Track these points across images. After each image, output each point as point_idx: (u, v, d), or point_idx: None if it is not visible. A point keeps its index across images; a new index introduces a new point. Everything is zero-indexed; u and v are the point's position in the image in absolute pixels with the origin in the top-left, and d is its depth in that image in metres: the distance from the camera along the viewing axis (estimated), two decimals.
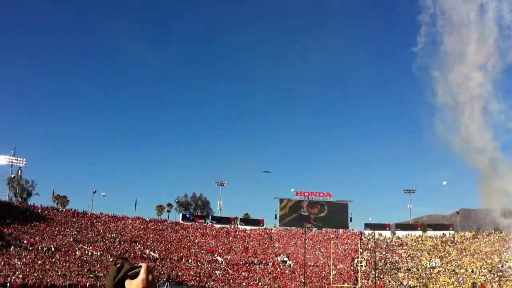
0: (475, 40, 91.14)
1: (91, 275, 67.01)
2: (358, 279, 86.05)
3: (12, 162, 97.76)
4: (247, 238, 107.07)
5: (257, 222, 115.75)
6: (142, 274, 2.72)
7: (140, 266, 2.77)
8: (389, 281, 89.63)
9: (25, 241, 72.49)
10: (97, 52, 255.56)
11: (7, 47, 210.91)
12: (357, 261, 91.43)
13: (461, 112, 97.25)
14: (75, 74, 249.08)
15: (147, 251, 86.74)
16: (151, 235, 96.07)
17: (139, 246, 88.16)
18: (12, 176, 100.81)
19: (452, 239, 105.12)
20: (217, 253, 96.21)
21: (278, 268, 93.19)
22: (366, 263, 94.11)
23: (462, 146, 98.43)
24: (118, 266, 2.79)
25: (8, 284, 55.72)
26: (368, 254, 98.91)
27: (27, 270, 62.27)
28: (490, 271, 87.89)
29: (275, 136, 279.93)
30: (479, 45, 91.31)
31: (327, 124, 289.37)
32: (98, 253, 78.13)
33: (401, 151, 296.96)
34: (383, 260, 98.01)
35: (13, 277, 58.50)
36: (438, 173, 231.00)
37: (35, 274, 61.72)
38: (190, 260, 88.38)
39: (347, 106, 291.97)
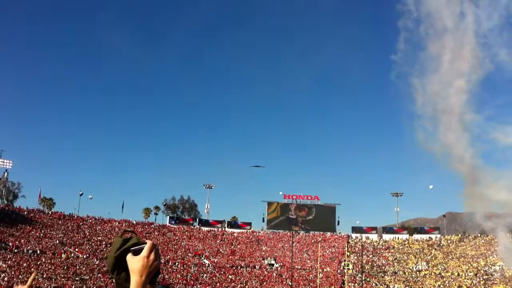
0: (454, 48, 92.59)
1: (76, 278, 66.61)
2: (345, 282, 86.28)
3: None
4: (234, 241, 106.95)
5: (244, 225, 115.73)
6: (144, 251, 2.58)
7: (146, 243, 2.63)
8: (376, 284, 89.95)
9: (10, 244, 71.92)
10: (87, 53, 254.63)
11: None
12: (344, 264, 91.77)
13: (440, 120, 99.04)
14: (63, 76, 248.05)
15: None
16: None
17: None
18: None
19: (439, 243, 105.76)
20: (204, 256, 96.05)
21: (265, 271, 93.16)
22: (353, 266, 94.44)
23: (443, 153, 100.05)
24: (123, 238, 2.66)
25: None
26: (355, 258, 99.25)
27: (12, 273, 61.78)
28: (476, 275, 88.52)
29: (264, 139, 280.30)
30: (458, 53, 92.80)
31: (315, 127, 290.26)
32: (84, 256, 77.68)
33: (389, 155, 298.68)
34: (370, 263, 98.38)
35: None
36: (425, 177, 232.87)
37: (20, 276, 61.21)
38: (177, 263, 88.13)
39: (336, 110, 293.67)
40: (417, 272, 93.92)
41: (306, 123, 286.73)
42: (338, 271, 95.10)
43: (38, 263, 68.60)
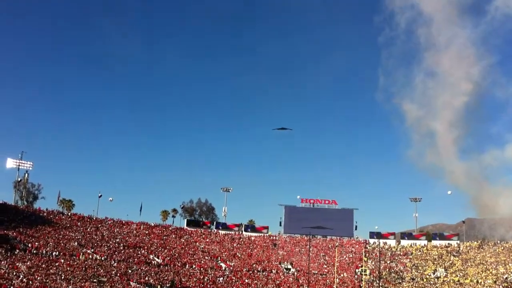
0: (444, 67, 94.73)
1: (94, 280, 67.10)
2: (362, 287, 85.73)
3: (19, 165, 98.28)
4: (251, 244, 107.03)
5: (261, 229, 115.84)
6: None
7: None
8: None
9: (29, 245, 72.76)
10: (103, 57, 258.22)
11: (10, 49, 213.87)
12: (361, 269, 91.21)
13: (429, 140, 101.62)
14: (83, 80, 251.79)
15: (151, 257, 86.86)
16: (156, 241, 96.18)
17: (143, 251, 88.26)
18: (19, 179, 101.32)
19: (458, 249, 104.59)
20: (220, 259, 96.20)
21: (281, 276, 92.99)
22: (370, 272, 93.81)
23: (433, 169, 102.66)
24: None
25: None
26: (373, 263, 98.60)
27: (31, 274, 62.45)
28: (495, 282, 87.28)
29: (281, 142, 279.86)
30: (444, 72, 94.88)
31: (333, 131, 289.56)
32: (102, 258, 78.30)
33: (407, 159, 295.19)
34: (387, 269, 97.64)
35: (17, 281, 58.71)
36: (443, 182, 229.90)
37: (38, 278, 61.89)
38: (194, 266, 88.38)
39: (353, 113, 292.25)
40: (436, 279, 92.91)
41: (324, 126, 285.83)
42: (355, 276, 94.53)
43: (57, 264, 69.27)
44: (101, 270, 72.36)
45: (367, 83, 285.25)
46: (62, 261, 71.31)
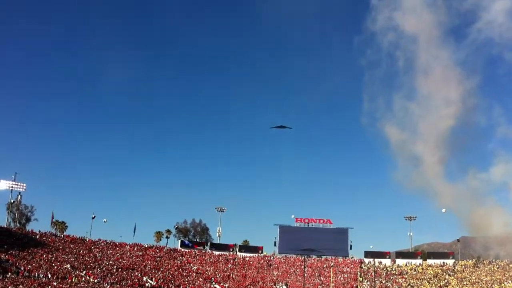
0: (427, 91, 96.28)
1: None
2: None
3: (12, 187, 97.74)
4: (246, 265, 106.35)
5: (256, 249, 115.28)
6: None
7: None
8: None
9: (22, 268, 71.99)
10: (94, 77, 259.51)
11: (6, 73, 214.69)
12: None
13: (416, 161, 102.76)
14: (75, 102, 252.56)
15: (144, 279, 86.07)
16: (149, 262, 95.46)
17: (136, 273, 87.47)
18: (12, 201, 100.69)
19: (453, 268, 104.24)
20: (214, 280, 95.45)
21: None
22: None
23: (422, 190, 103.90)
24: None
25: None
26: (368, 283, 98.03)
27: None
28: None
29: (275, 162, 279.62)
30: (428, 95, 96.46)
31: (327, 150, 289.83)
32: (95, 280, 77.47)
33: (401, 178, 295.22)
34: None
35: None
36: (438, 200, 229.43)
37: None
38: None
39: (348, 131, 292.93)
40: None
41: (318, 145, 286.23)
42: None
43: (49, 287, 68.49)
44: None
45: (356, 104, 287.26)
46: (55, 284, 70.50)
